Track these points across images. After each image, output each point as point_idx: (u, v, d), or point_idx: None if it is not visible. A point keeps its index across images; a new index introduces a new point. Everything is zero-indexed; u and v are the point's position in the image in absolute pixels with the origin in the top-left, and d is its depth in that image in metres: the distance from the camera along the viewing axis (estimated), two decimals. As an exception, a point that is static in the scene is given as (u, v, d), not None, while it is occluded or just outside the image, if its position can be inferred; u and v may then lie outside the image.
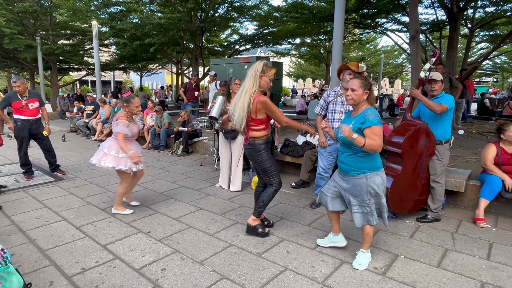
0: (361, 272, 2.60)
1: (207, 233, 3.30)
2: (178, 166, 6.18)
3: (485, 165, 3.68)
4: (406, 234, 3.29)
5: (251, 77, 2.93)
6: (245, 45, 16.31)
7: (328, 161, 3.87)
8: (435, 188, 3.53)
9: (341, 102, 3.70)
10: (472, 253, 2.91)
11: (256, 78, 2.92)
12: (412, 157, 3.44)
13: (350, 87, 2.54)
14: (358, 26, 13.17)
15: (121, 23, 11.94)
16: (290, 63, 34.78)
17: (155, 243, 3.07)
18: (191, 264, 2.71)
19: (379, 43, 28.50)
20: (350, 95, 2.54)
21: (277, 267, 2.66)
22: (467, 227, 3.45)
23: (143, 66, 25.38)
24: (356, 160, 2.55)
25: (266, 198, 3.16)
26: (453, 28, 8.50)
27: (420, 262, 2.75)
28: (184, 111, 7.68)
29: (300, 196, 4.44)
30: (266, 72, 2.94)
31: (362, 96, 2.53)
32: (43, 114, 5.33)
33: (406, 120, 3.66)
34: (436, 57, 3.44)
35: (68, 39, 17.43)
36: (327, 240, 3.01)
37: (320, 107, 3.92)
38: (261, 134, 3.04)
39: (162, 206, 4.04)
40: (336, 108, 3.73)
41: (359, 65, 4.29)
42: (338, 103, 3.73)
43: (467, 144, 6.38)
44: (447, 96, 3.42)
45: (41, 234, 3.26)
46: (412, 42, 6.70)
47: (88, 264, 2.70)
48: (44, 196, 4.42)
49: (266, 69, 2.93)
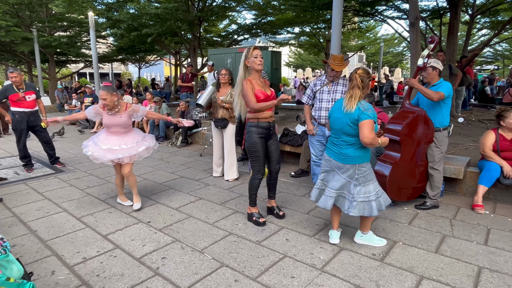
0: (359, 258, 2.63)
1: (206, 222, 3.33)
2: (177, 157, 6.18)
3: (483, 152, 3.69)
4: (404, 221, 3.31)
5: (241, 67, 3.11)
6: (243, 35, 16.16)
7: (319, 147, 3.93)
8: (433, 175, 3.54)
9: (328, 91, 3.76)
10: (470, 238, 2.94)
11: (244, 65, 3.09)
12: (410, 145, 3.44)
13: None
14: (358, 14, 13.01)
15: (118, 14, 11.81)
16: (289, 53, 34.50)
17: (155, 233, 3.10)
18: (191, 252, 2.74)
19: (379, 32, 28.29)
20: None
21: (276, 255, 2.69)
22: (465, 214, 3.47)
23: (141, 57, 25.15)
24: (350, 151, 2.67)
25: (248, 185, 3.29)
26: (454, 15, 8.40)
27: (418, 248, 2.78)
28: (183, 101, 7.66)
29: (299, 185, 4.46)
30: (248, 55, 3.05)
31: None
32: (40, 106, 5.31)
33: (404, 107, 3.65)
34: (434, 43, 3.41)
35: (65, 31, 17.25)
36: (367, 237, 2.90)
37: (307, 96, 3.96)
38: (250, 116, 3.14)
39: (162, 197, 4.06)
40: (323, 97, 3.79)
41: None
42: (324, 92, 3.79)
43: (467, 131, 6.38)
44: (445, 83, 3.41)
45: (42, 225, 3.28)
46: (412, 29, 6.63)
47: (89, 254, 2.73)
48: (44, 188, 4.44)
49: (248, 53, 3.06)
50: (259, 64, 3.04)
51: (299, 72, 33.86)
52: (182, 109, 7.48)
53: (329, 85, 3.75)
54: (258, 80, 3.09)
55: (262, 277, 2.39)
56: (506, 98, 10.99)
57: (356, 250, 2.75)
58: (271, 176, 3.37)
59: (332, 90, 3.72)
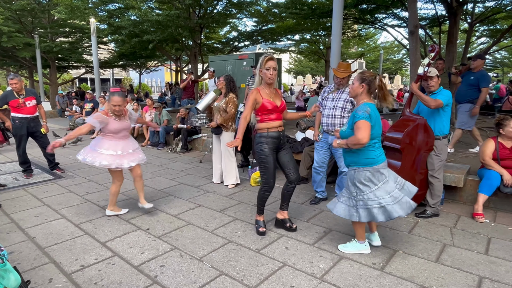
0: (359, 267, 2.61)
1: (206, 229, 3.31)
2: (177, 163, 6.17)
3: (483, 160, 3.68)
4: (404, 229, 3.29)
5: (257, 76, 3.08)
6: (244, 42, 16.26)
7: (322, 155, 3.90)
8: (434, 183, 3.53)
9: (331, 98, 3.76)
10: (470, 248, 2.92)
11: (259, 75, 3.06)
12: (410, 153, 3.44)
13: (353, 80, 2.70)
14: (357, 21, 13.11)
15: (119, 20, 11.90)
16: (290, 59, 34.67)
17: (154, 240, 3.08)
18: (190, 260, 2.72)
19: (378, 39, 28.37)
20: (350, 87, 2.71)
21: (276, 263, 2.67)
22: (465, 222, 3.45)
23: (142, 63, 25.31)
24: (349, 154, 2.71)
25: (257, 196, 3.23)
26: (453, 23, 8.46)
27: (418, 257, 2.76)
28: (183, 108, 7.67)
29: (299, 192, 4.44)
30: (262, 65, 3.00)
31: (358, 89, 2.64)
32: (40, 112, 5.32)
33: (404, 115, 3.66)
34: (435, 52, 3.42)
35: (67, 37, 17.36)
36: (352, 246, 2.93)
37: (318, 103, 3.95)
38: (259, 126, 3.10)
39: (161, 203, 4.04)
40: (327, 104, 3.79)
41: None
42: (329, 99, 3.80)
43: (466, 139, 6.37)
44: (444, 91, 3.42)
45: (40, 232, 3.27)
46: (411, 37, 6.68)
47: (87, 261, 2.71)
48: (44, 194, 4.42)
49: (261, 62, 3.00)
50: (270, 78, 2.98)
51: (299, 79, 33.97)
52: (182, 116, 7.49)
53: (335, 92, 3.76)
54: (268, 89, 3.06)
55: (261, 286, 2.37)
56: (505, 106, 11.01)
57: (356, 259, 2.73)
58: (289, 186, 3.19)
59: (336, 98, 3.71)
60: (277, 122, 3.08)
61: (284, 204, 3.28)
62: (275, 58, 3.01)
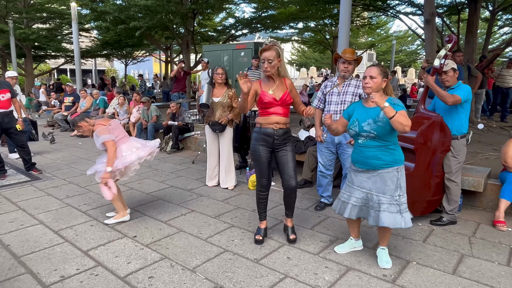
0: (368, 279, 2.63)
1: (199, 237, 3.32)
2: (167, 164, 6.19)
3: (505, 162, 3.71)
4: (418, 238, 3.32)
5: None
6: (241, 30, 16.27)
7: (328, 157, 3.91)
8: (451, 187, 3.55)
9: (337, 93, 3.76)
10: (490, 258, 2.94)
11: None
12: (425, 154, 3.46)
13: (369, 74, 2.62)
14: (368, 8, 13.14)
15: (103, 5, 11.89)
16: (292, 50, 34.73)
17: (141, 249, 3.09)
18: (182, 271, 2.74)
19: (390, 28, 28.52)
20: (369, 82, 2.60)
21: (277, 275, 2.69)
22: (485, 231, 3.48)
23: (128, 53, 25.28)
24: (388, 153, 2.63)
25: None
26: (473, 11, 8.50)
27: (433, 268, 2.78)
28: (174, 103, 7.67)
29: (302, 196, 4.46)
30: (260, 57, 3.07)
31: (381, 84, 2.62)
32: (15, 106, 5.32)
33: (419, 113, 3.68)
34: (452, 42, 3.44)
35: (44, 23, 17.33)
36: (347, 245, 3.04)
37: (318, 99, 3.96)
38: (256, 120, 3.19)
39: (150, 208, 4.05)
40: (332, 99, 3.79)
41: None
42: (334, 93, 3.79)
43: (487, 139, 6.42)
44: (464, 86, 3.43)
45: (16, 239, 3.27)
46: (427, 26, 6.71)
47: (68, 272, 2.72)
48: (19, 197, 4.43)
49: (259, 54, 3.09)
50: (265, 70, 2.99)
51: (302, 72, 34.01)
52: (173, 111, 7.49)
53: (340, 86, 3.75)
54: (269, 81, 3.08)
55: (260, 300, 2.39)
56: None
57: (365, 271, 2.75)
58: (285, 193, 3.17)
59: (342, 92, 3.71)
60: (275, 117, 3.04)
61: (287, 211, 3.28)
62: (273, 47, 2.94)
